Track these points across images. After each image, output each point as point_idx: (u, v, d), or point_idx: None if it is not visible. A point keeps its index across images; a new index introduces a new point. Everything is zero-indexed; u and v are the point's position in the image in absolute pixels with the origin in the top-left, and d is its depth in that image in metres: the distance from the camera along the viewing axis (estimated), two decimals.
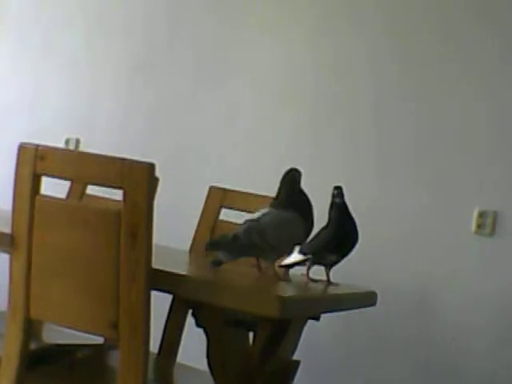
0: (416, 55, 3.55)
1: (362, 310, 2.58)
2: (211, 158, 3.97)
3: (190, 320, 2.28)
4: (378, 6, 3.66)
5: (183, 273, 2.17)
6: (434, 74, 3.51)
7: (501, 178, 3.35)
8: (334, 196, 2.43)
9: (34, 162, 2.06)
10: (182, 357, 2.84)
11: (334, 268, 2.45)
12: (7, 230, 2.10)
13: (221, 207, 2.99)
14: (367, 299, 2.51)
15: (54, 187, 2.25)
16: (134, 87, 4.27)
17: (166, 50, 4.21)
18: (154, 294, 1.98)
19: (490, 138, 3.38)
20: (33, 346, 2.16)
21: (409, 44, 3.58)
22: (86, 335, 2.13)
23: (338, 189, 2.43)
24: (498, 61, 3.39)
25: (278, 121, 3.84)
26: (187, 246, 2.98)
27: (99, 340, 2.46)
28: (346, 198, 2.44)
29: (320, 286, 2.39)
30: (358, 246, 2.41)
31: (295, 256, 2.44)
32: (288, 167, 2.38)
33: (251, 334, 2.35)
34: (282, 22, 3.89)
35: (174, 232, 3.34)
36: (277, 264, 2.37)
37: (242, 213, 2.82)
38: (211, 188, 3.03)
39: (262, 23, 3.95)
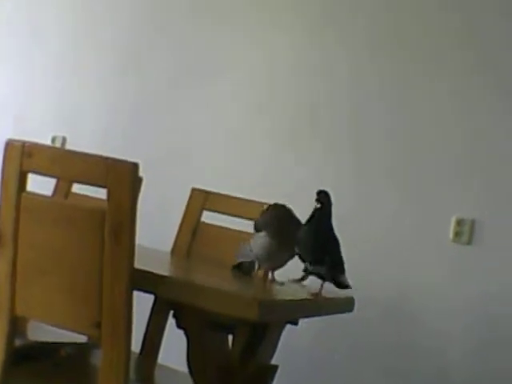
0: (397, 68, 3.58)
1: (341, 315, 2.59)
2: (195, 159, 3.98)
3: (171, 321, 2.30)
4: (363, 17, 3.69)
5: (165, 273, 2.19)
6: (413, 86, 3.54)
7: (479, 187, 3.36)
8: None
9: (21, 158, 2.06)
10: (162, 357, 2.85)
11: None
12: None
13: (202, 209, 2.99)
14: (345, 305, 2.52)
15: (40, 185, 2.27)
16: (121, 86, 4.28)
17: (152, 50, 4.22)
18: (136, 294, 1.99)
19: (468, 147, 3.40)
20: (17, 343, 2.16)
21: (390, 56, 3.60)
22: (71, 333, 2.14)
23: (320, 193, 2.31)
24: (474, 72, 3.43)
25: (261, 124, 3.85)
26: (169, 247, 3.00)
27: (83, 338, 2.47)
28: None
29: (298, 290, 2.41)
30: None
31: None
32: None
33: (230, 338, 2.37)
34: (267, 26, 3.91)
35: (156, 233, 3.34)
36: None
37: (224, 216, 2.86)
38: (193, 190, 3.03)
39: (247, 25, 3.97)
